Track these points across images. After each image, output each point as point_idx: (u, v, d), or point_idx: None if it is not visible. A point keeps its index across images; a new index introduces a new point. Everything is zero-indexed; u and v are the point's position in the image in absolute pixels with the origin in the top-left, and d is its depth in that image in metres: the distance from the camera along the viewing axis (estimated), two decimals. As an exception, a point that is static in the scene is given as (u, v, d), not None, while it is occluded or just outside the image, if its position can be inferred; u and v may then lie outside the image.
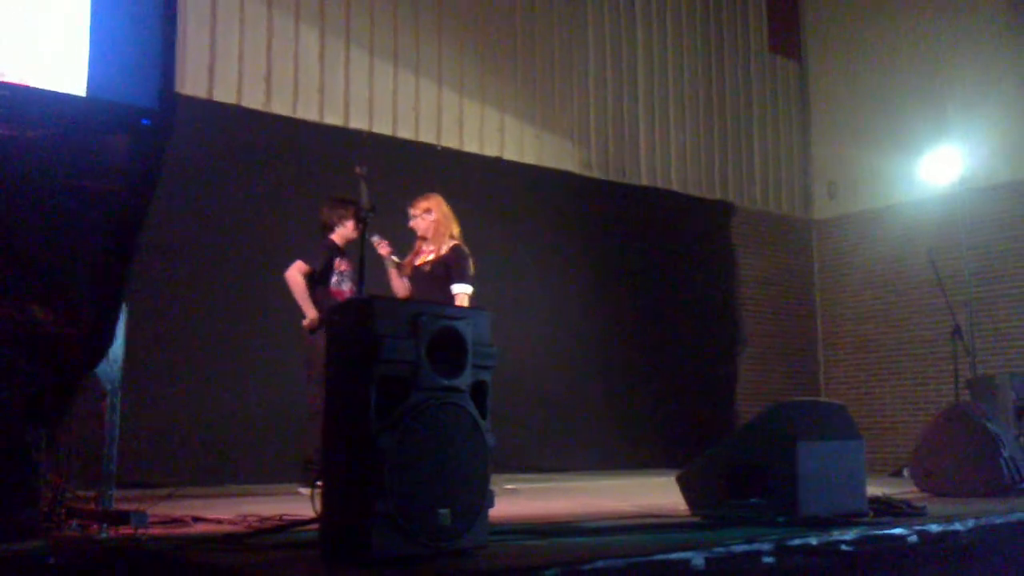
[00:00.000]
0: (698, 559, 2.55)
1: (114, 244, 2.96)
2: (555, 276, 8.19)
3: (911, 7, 9.81)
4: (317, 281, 5.44)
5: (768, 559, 2.74)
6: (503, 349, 2.62)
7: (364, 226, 4.34)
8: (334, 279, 5.52)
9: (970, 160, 8.00)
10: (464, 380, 2.54)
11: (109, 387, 3.13)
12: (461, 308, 5.27)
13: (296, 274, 5.37)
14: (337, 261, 5.51)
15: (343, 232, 5.56)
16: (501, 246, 7.48)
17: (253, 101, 6.86)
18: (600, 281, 8.52)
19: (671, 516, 3.55)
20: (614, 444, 8.18)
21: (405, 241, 6.66)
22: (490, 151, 8.13)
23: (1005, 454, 4.58)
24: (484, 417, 2.58)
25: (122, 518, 2.78)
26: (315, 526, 2.54)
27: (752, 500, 3.29)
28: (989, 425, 4.73)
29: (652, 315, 8.82)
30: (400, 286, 5.28)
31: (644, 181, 9.19)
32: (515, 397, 6.87)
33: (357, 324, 2.47)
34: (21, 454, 2.58)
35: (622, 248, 8.77)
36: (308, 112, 7.10)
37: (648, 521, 3.42)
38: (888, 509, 3.51)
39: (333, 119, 7.19)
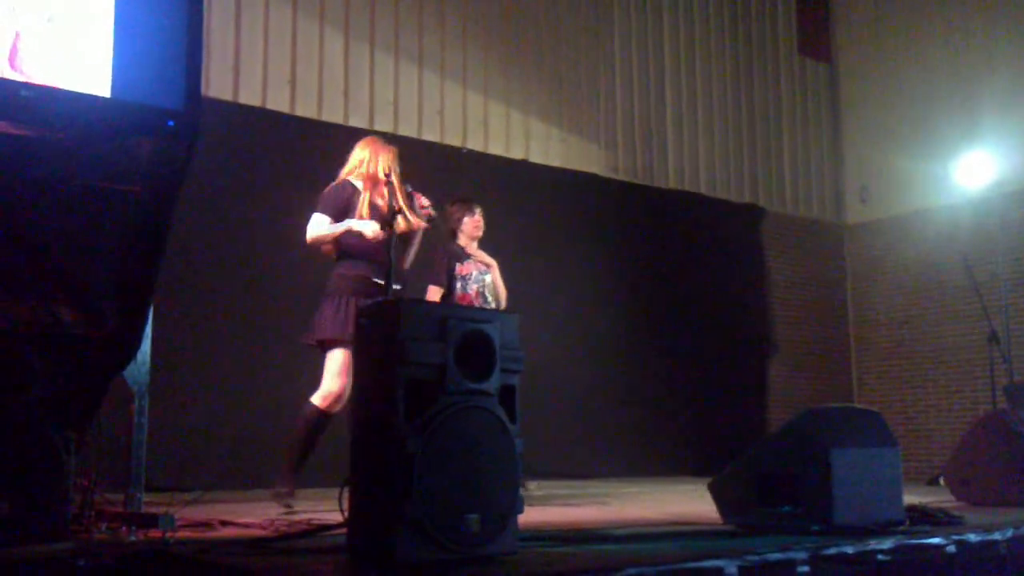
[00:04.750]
0: (731, 567, 2.50)
1: (140, 246, 2.95)
2: (581, 280, 8.13)
3: (943, 10, 9.68)
4: (447, 293, 5.61)
5: (803, 568, 2.69)
6: (528, 353, 2.58)
7: (391, 228, 4.34)
8: (458, 285, 5.60)
9: (1004, 164, 7.88)
10: (492, 384, 2.51)
11: (137, 390, 3.12)
12: (489, 311, 5.27)
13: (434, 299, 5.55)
14: (458, 267, 5.62)
15: (464, 232, 5.71)
16: (526, 249, 7.44)
17: (278, 104, 6.88)
18: (627, 285, 8.46)
19: (702, 524, 3.50)
20: (644, 451, 8.11)
21: (431, 245, 6.65)
22: (516, 153, 8.10)
23: (1044, 462, 4.48)
24: (513, 421, 2.55)
25: (150, 521, 2.78)
26: (343, 531, 2.52)
27: (785, 508, 3.23)
28: (1026, 432, 4.63)
29: (682, 320, 8.75)
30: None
31: (672, 184, 9.12)
32: (542, 402, 6.83)
33: (384, 326, 2.44)
34: (50, 457, 2.58)
35: (650, 252, 8.70)
36: (333, 115, 7.10)
37: (679, 529, 3.37)
38: (925, 518, 3.44)
39: (358, 121, 7.19)
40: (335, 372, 4.34)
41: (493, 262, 5.76)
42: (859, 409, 3.73)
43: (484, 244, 5.80)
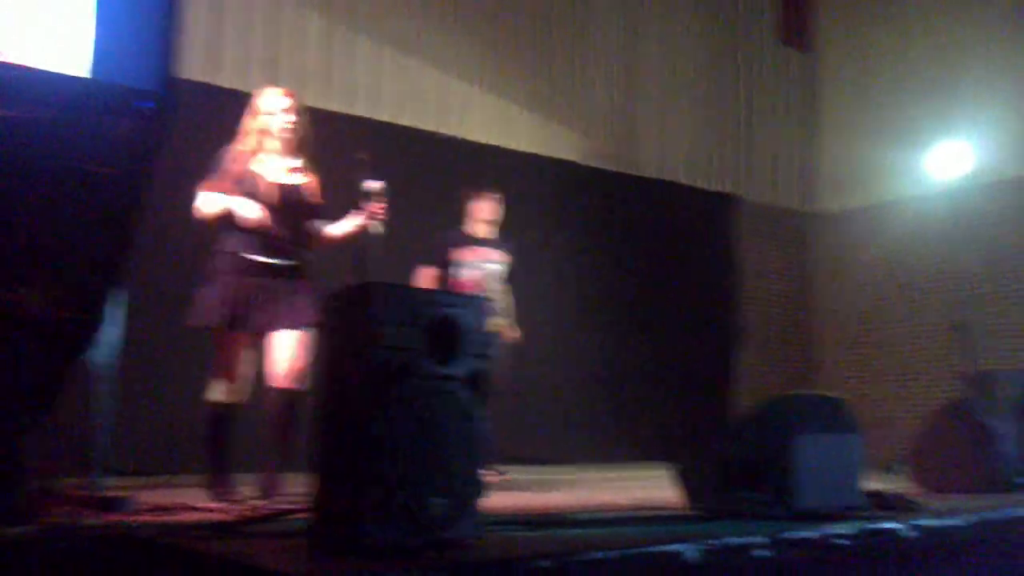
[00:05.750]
0: (692, 551, 2.54)
1: (112, 226, 2.94)
2: (555, 266, 8.16)
3: (922, 1, 9.73)
4: (442, 275, 5.59)
5: (763, 552, 2.73)
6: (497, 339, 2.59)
7: (377, 212, 4.28)
8: (451, 270, 5.60)
9: (978, 155, 7.95)
10: (460, 368, 2.53)
11: (101, 372, 3.11)
12: (459, 295, 5.27)
13: (425, 281, 5.54)
14: (452, 251, 5.60)
15: (471, 217, 5.72)
16: (502, 235, 7.46)
17: (257, 86, 6.80)
18: (601, 271, 8.49)
19: (666, 509, 3.54)
20: (610, 436, 8.16)
21: (408, 231, 6.65)
22: (493, 139, 8.09)
23: (1002, 450, 4.55)
24: (480, 406, 2.57)
25: (111, 505, 2.78)
26: (306, 515, 2.53)
27: (748, 493, 3.27)
28: (988, 421, 4.70)
29: (652, 306, 8.79)
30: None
31: (650, 172, 9.14)
32: (512, 387, 6.85)
33: (352, 309, 2.45)
34: (6, 438, 2.57)
35: (624, 239, 8.73)
36: (312, 98, 7.04)
37: (643, 513, 3.41)
38: (885, 504, 3.49)
39: (337, 106, 7.16)
40: (222, 363, 3.85)
41: (505, 254, 5.77)
42: (823, 396, 3.77)
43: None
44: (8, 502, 2.45)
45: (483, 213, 5.74)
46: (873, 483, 3.71)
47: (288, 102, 4.13)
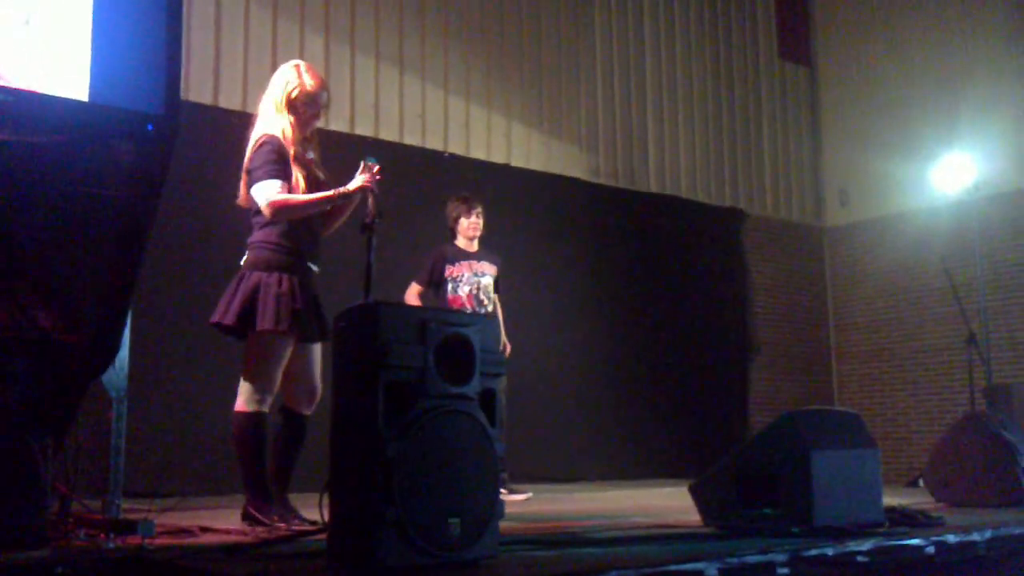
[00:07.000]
0: (711, 570, 2.52)
1: (119, 250, 2.94)
2: (563, 284, 8.14)
3: (922, 13, 9.76)
4: (435, 293, 5.51)
5: (783, 570, 2.70)
6: (512, 357, 2.58)
7: (371, 233, 4.27)
8: (449, 287, 5.53)
9: (982, 167, 7.92)
10: (473, 388, 2.52)
11: (115, 395, 3.10)
12: (470, 314, 5.25)
13: (413, 298, 5.50)
14: (448, 268, 5.54)
15: (460, 233, 5.65)
16: (508, 253, 7.45)
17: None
18: (609, 289, 8.48)
19: (683, 526, 3.51)
20: (625, 454, 8.12)
21: (412, 249, 6.65)
22: (497, 157, 8.10)
23: (1022, 463, 4.52)
24: (493, 425, 2.55)
25: (129, 527, 2.76)
26: (323, 535, 2.51)
27: (765, 510, 3.25)
28: (1005, 434, 4.67)
29: (662, 323, 8.77)
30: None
31: (653, 188, 9.14)
32: (524, 406, 6.82)
33: (364, 330, 2.44)
34: (27, 462, 2.56)
35: (631, 255, 8.72)
36: (314, 119, 7.07)
37: (660, 531, 3.38)
38: (904, 519, 3.46)
39: (338, 125, 7.16)
40: (269, 370, 3.54)
41: (494, 266, 5.72)
42: (839, 411, 3.76)
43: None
44: (27, 525, 2.43)
45: (472, 228, 5.68)
46: (892, 498, 3.69)
47: (327, 97, 3.78)
